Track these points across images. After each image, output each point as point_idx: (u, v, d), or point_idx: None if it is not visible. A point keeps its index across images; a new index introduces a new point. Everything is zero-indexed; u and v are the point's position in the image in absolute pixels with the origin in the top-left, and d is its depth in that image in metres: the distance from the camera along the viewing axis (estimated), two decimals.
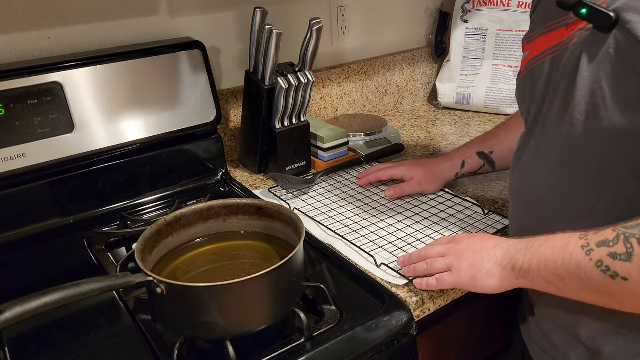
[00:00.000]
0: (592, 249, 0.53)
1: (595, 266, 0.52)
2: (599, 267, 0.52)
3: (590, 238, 0.54)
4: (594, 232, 0.55)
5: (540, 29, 0.64)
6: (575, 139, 0.58)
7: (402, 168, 0.99)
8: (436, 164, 0.98)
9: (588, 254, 0.53)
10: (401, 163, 1.01)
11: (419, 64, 1.52)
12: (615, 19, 0.52)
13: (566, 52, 0.58)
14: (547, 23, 0.63)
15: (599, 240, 0.53)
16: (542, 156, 0.65)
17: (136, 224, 0.93)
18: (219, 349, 0.62)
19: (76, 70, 0.90)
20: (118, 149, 0.96)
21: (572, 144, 0.59)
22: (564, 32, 0.59)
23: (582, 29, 0.57)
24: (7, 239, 0.89)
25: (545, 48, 0.63)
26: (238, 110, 1.18)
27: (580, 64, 0.56)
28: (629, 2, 0.51)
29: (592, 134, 0.57)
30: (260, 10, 1.00)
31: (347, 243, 0.85)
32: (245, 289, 0.60)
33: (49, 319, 0.70)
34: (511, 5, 1.38)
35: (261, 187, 1.07)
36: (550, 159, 0.63)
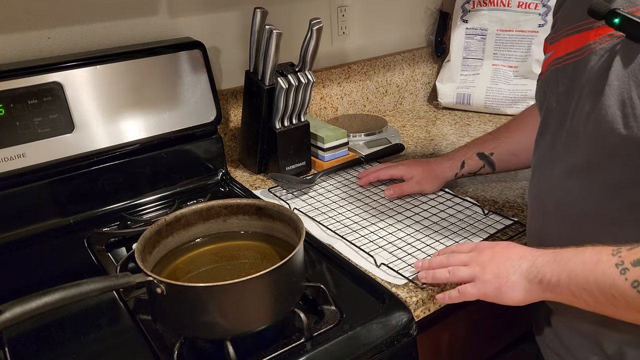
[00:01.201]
0: (627, 268, 0.52)
1: (632, 286, 0.51)
2: (635, 287, 0.51)
3: (625, 255, 0.53)
4: (628, 248, 0.53)
5: (565, 29, 0.63)
6: (603, 145, 0.57)
7: (401, 167, 0.99)
8: (435, 163, 0.98)
9: (623, 272, 0.52)
10: (400, 163, 1.01)
11: (419, 64, 1.52)
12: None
13: (592, 56, 0.57)
14: (573, 24, 0.61)
15: (635, 259, 0.51)
16: (565, 159, 0.63)
17: (136, 224, 0.93)
18: (219, 349, 0.62)
19: (76, 70, 0.90)
20: (118, 149, 0.96)
21: (599, 149, 0.58)
22: (591, 35, 0.58)
23: (612, 35, 0.55)
24: (7, 238, 0.89)
25: (570, 50, 0.61)
26: (238, 110, 1.18)
27: (610, 73, 0.54)
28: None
29: (620, 142, 0.55)
30: (260, 10, 1.00)
31: (347, 243, 0.85)
32: (245, 289, 0.60)
33: (49, 319, 0.70)
34: (511, 5, 1.38)
35: (261, 187, 1.07)
36: (575, 162, 0.61)
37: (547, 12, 1.35)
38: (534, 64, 1.36)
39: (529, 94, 1.36)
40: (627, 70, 0.53)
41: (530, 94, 1.35)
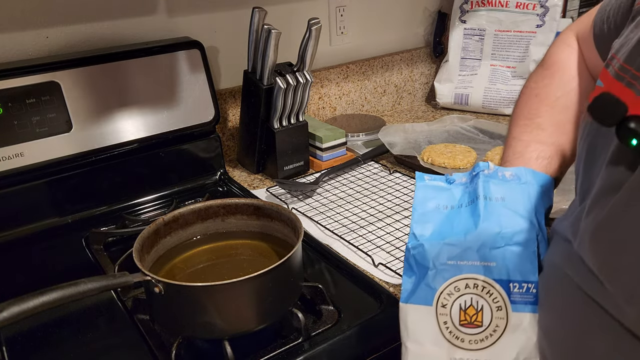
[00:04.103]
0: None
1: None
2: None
3: None
4: None
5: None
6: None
7: None
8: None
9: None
10: None
11: (417, 64, 1.52)
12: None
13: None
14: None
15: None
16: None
17: (134, 223, 0.93)
18: (217, 348, 0.62)
19: (74, 69, 0.90)
20: (116, 148, 0.96)
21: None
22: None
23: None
24: (5, 238, 0.89)
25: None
26: (236, 110, 1.18)
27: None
28: None
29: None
30: (258, 10, 1.00)
31: (345, 243, 0.85)
32: (243, 288, 0.60)
33: (46, 318, 0.70)
34: (509, 5, 1.38)
35: (259, 187, 1.07)
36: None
37: (545, 12, 1.35)
38: (532, 64, 1.37)
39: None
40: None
41: None
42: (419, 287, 0.52)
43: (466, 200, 0.56)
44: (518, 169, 0.56)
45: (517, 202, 0.54)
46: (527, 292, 0.50)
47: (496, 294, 0.51)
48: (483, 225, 0.52)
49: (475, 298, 0.51)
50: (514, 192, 0.54)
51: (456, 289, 0.51)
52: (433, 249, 0.52)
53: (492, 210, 0.53)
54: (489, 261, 0.51)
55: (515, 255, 0.51)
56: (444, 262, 0.51)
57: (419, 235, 0.54)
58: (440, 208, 0.56)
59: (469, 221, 0.53)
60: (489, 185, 0.54)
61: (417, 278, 0.53)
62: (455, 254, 0.51)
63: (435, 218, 0.55)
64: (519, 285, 0.50)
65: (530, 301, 0.50)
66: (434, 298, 0.52)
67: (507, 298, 0.50)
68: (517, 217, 0.52)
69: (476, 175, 0.56)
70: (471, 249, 0.51)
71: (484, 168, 0.56)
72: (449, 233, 0.53)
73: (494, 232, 0.51)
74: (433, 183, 0.58)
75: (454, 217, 0.54)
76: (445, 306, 0.51)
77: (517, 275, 0.50)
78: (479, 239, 0.51)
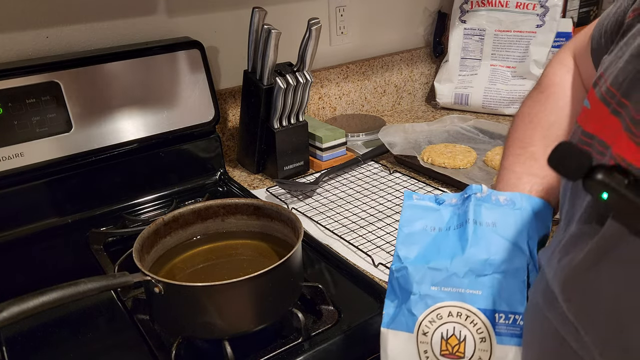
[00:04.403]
0: None
1: None
2: None
3: None
4: None
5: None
6: None
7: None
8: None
9: None
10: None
11: (417, 64, 1.52)
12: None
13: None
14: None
15: None
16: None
17: (134, 223, 0.93)
18: (217, 348, 0.62)
19: (74, 69, 0.90)
20: (116, 148, 0.96)
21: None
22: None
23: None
24: (5, 238, 0.89)
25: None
26: (236, 110, 1.18)
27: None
28: None
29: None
30: (258, 10, 1.00)
31: (345, 243, 0.85)
32: (243, 288, 0.60)
33: (46, 318, 0.70)
34: (509, 5, 1.38)
35: (259, 187, 1.07)
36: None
37: (545, 12, 1.35)
38: (532, 64, 1.37)
39: (527, 94, 1.36)
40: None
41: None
42: (400, 312, 0.50)
43: (455, 223, 0.53)
44: (513, 194, 0.54)
45: (509, 228, 0.51)
46: (513, 324, 0.48)
47: (480, 324, 0.48)
48: (471, 251, 0.49)
49: (458, 327, 0.48)
50: (507, 217, 0.52)
51: (438, 317, 0.49)
52: (417, 273, 0.50)
53: (482, 235, 0.50)
54: (475, 289, 0.48)
55: (503, 284, 0.48)
56: (428, 287, 0.49)
57: (403, 257, 0.51)
58: (428, 229, 0.53)
59: (457, 245, 0.51)
60: (481, 209, 0.52)
61: (399, 302, 0.51)
62: (440, 279, 0.49)
63: (422, 240, 0.52)
64: (505, 316, 0.48)
65: (516, 333, 0.48)
66: (415, 325, 0.49)
67: (491, 329, 0.48)
68: (508, 244, 0.50)
69: (468, 197, 0.54)
70: (456, 275, 0.49)
71: (477, 191, 0.54)
72: (434, 257, 0.50)
73: (482, 259, 0.49)
74: (421, 203, 0.55)
75: (441, 240, 0.52)
76: (427, 334, 0.49)
77: (503, 305, 0.48)
78: (465, 265, 0.49)
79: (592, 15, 1.71)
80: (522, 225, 0.51)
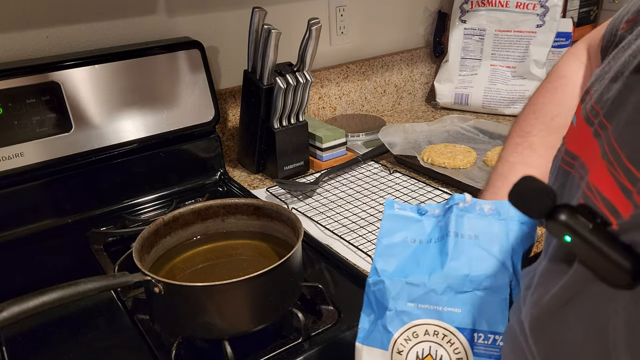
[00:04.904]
0: None
1: None
2: None
3: None
4: None
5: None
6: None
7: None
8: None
9: None
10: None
11: (418, 64, 1.52)
12: (631, 266, 0.27)
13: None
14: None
15: None
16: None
17: (134, 223, 0.93)
18: (217, 348, 0.62)
19: (74, 69, 0.90)
20: (116, 148, 0.96)
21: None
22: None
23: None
24: (5, 238, 0.89)
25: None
26: (236, 110, 1.18)
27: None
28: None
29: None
30: (258, 10, 1.00)
31: (345, 243, 0.85)
32: (243, 288, 0.60)
33: (46, 318, 0.70)
34: (509, 5, 1.38)
35: (259, 187, 1.07)
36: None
37: (545, 12, 1.35)
38: (532, 64, 1.37)
39: (527, 94, 1.36)
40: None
41: (528, 95, 1.36)
42: (375, 328, 0.48)
43: (436, 235, 0.50)
44: (499, 203, 0.50)
45: (493, 241, 0.48)
46: (492, 345, 0.45)
47: (458, 343, 0.46)
48: (450, 265, 0.46)
49: (434, 347, 0.46)
50: (491, 228, 0.49)
51: (414, 335, 0.47)
52: (394, 288, 0.47)
53: (463, 249, 0.47)
54: (454, 307, 0.46)
55: (484, 302, 0.46)
56: (404, 303, 0.47)
57: (380, 270, 0.49)
58: (408, 241, 0.51)
59: (436, 259, 0.48)
60: (463, 220, 0.49)
61: (375, 317, 0.49)
62: (417, 295, 0.47)
63: (401, 252, 0.50)
64: (485, 336, 0.45)
65: (495, 355, 0.45)
66: (390, 342, 0.47)
67: (469, 349, 0.45)
68: (491, 259, 0.47)
69: (450, 208, 0.51)
70: (435, 292, 0.46)
71: (460, 201, 0.51)
72: (413, 271, 0.48)
73: (462, 275, 0.46)
74: (403, 213, 0.52)
75: (420, 253, 0.49)
76: (401, 353, 0.47)
77: (483, 324, 0.45)
78: (444, 281, 0.46)
79: (592, 15, 1.71)
80: (506, 238, 0.48)
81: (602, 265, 0.28)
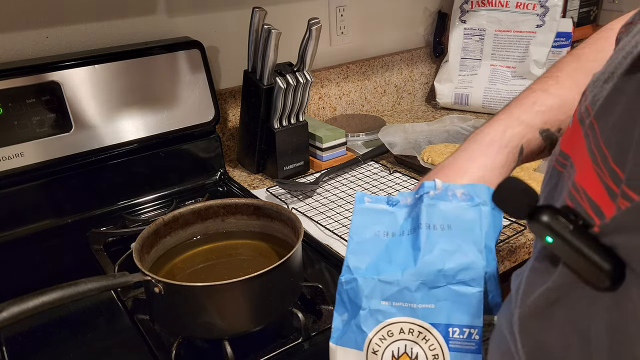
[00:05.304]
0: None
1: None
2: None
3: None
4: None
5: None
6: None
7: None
8: (479, 167, 0.54)
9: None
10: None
11: (418, 64, 1.52)
12: (611, 269, 0.28)
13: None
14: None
15: None
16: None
17: (134, 223, 0.93)
18: (217, 348, 0.62)
19: (74, 69, 0.90)
20: (116, 148, 0.96)
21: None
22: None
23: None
24: (5, 238, 0.89)
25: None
26: (236, 110, 1.18)
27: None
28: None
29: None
30: (258, 10, 1.00)
31: (345, 243, 0.85)
32: (243, 288, 0.60)
33: (46, 318, 0.70)
34: (509, 5, 1.38)
35: (259, 187, 1.07)
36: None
37: (545, 12, 1.35)
38: (532, 64, 1.37)
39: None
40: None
41: None
42: (349, 328, 0.47)
43: (409, 227, 0.48)
44: (472, 186, 0.49)
45: (466, 231, 0.46)
46: (468, 339, 0.44)
47: (433, 340, 0.45)
48: (424, 260, 0.45)
49: (409, 345, 0.45)
50: (464, 215, 0.47)
51: (389, 334, 0.46)
52: (367, 286, 0.46)
53: (435, 241, 0.46)
54: (428, 303, 0.45)
55: (458, 296, 0.45)
56: (378, 302, 0.46)
57: (353, 268, 0.47)
58: (380, 235, 0.49)
59: (409, 254, 0.47)
60: (434, 210, 0.47)
61: (348, 316, 0.47)
62: (391, 293, 0.45)
63: (373, 248, 0.48)
64: (460, 330, 0.44)
65: (471, 349, 0.44)
66: (365, 342, 0.46)
67: (445, 345, 0.45)
68: (464, 250, 0.45)
69: (420, 198, 0.49)
70: (408, 289, 0.45)
71: (430, 189, 0.49)
72: (386, 268, 0.46)
73: (435, 269, 0.45)
74: (374, 206, 0.51)
75: (393, 248, 0.48)
76: (377, 353, 0.46)
77: (457, 319, 0.44)
78: (418, 277, 0.45)
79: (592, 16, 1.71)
80: (479, 226, 0.47)
81: (583, 267, 0.28)
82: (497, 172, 0.52)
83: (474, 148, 0.53)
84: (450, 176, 0.52)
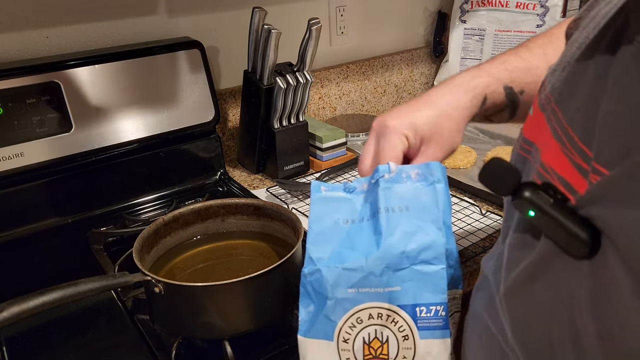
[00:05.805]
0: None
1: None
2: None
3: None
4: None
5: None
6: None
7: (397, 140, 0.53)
8: (446, 103, 0.55)
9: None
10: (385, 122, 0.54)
11: (418, 64, 1.52)
12: (589, 238, 0.30)
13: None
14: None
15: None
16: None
17: (134, 223, 0.93)
18: (217, 348, 0.62)
19: (74, 69, 0.90)
20: (116, 148, 0.96)
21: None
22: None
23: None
24: (5, 238, 0.89)
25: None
26: (236, 110, 1.18)
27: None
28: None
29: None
30: (258, 10, 1.00)
31: None
32: (243, 288, 0.60)
33: (47, 318, 0.70)
34: (509, 5, 1.38)
35: (259, 187, 1.07)
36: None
37: (545, 12, 1.35)
38: None
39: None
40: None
41: None
42: (317, 320, 0.47)
43: (368, 213, 0.48)
44: (425, 165, 0.49)
45: (424, 210, 0.47)
46: (435, 316, 0.45)
47: (402, 321, 0.45)
48: (386, 243, 0.45)
49: (379, 329, 0.46)
50: (420, 196, 0.47)
51: (359, 321, 0.46)
52: (331, 276, 0.46)
53: (396, 224, 0.46)
54: (393, 286, 0.45)
55: (423, 276, 0.45)
56: (344, 290, 0.46)
57: (316, 258, 0.47)
58: (340, 223, 0.49)
59: (371, 240, 0.46)
60: (391, 193, 0.47)
61: (315, 308, 0.47)
62: (356, 280, 0.45)
63: (334, 236, 0.48)
64: (427, 308, 0.45)
65: (439, 326, 0.45)
66: (335, 332, 0.46)
67: (413, 325, 0.45)
68: (425, 229, 0.46)
69: (376, 182, 0.49)
70: (373, 274, 0.45)
71: (384, 172, 0.48)
72: (348, 255, 0.46)
73: (398, 252, 0.45)
74: (331, 194, 0.50)
75: (354, 235, 0.48)
76: (348, 341, 0.46)
77: (423, 297, 0.45)
78: (382, 261, 0.45)
79: None
80: (436, 204, 0.47)
81: (563, 238, 0.31)
82: (461, 112, 0.55)
83: (443, 88, 0.56)
84: (421, 106, 0.54)
